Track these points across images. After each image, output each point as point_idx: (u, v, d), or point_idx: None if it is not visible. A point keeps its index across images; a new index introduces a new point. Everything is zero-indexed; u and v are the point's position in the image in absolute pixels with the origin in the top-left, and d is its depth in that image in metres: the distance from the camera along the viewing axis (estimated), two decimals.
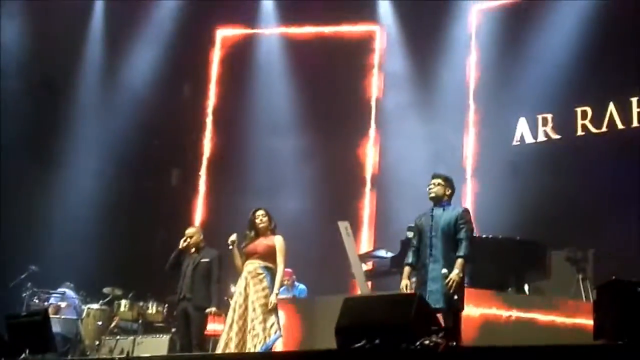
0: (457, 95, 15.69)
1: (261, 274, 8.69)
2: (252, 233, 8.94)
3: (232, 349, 8.34)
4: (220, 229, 9.79)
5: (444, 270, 7.56)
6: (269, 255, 8.78)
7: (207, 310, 9.36)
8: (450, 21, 16.06)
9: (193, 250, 9.74)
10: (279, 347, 9.92)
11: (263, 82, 16.99)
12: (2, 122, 14.65)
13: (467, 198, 15.03)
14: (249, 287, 8.66)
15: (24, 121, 15.26)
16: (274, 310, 8.59)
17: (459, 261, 7.58)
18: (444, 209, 7.92)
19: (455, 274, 7.51)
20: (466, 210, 7.97)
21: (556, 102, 14.53)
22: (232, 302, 8.84)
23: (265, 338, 8.34)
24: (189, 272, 9.55)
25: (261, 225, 8.90)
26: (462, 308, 7.77)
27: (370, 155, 16.51)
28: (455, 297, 7.50)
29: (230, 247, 8.88)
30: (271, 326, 8.46)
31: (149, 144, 16.83)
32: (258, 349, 8.20)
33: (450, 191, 8.05)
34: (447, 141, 15.47)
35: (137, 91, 16.47)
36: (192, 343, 9.30)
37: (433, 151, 15.16)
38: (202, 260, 9.57)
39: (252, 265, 8.74)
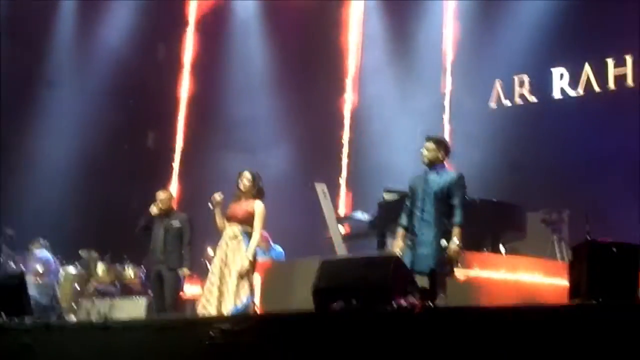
0: (433, 55, 15.63)
1: (238, 236, 8.67)
2: (238, 194, 8.84)
3: (211, 312, 8.37)
4: (196, 192, 9.79)
5: (443, 242, 7.44)
6: (247, 220, 8.71)
7: (179, 271, 9.60)
8: None
9: (163, 214, 9.84)
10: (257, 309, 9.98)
11: (239, 41, 16.90)
12: None
13: (446, 160, 15.00)
14: (228, 250, 8.64)
15: None
16: (247, 275, 8.60)
17: (456, 230, 7.47)
18: (437, 173, 7.78)
19: (454, 244, 7.42)
20: (461, 176, 7.80)
21: (532, 63, 14.52)
22: (212, 267, 8.84)
23: (235, 301, 8.36)
24: (160, 236, 9.73)
25: (242, 187, 8.80)
26: (452, 273, 7.71)
27: (347, 116, 16.48)
28: (451, 265, 7.46)
29: (211, 206, 8.80)
30: (242, 290, 8.46)
31: (125, 105, 16.72)
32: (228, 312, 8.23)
33: (443, 154, 7.88)
34: (423, 103, 15.44)
35: (112, 51, 16.37)
36: (165, 304, 9.41)
37: (409, 113, 15.14)
38: (173, 224, 9.80)
39: (232, 230, 8.71)
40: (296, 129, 15.91)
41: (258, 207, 8.75)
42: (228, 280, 8.49)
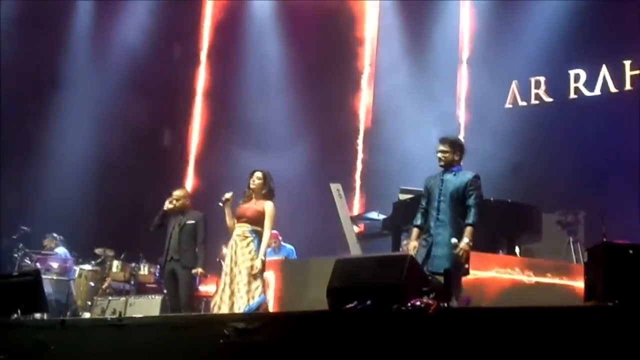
0: (450, 56, 15.61)
1: (248, 237, 8.73)
2: (249, 192, 8.92)
3: (223, 311, 8.41)
4: (211, 190, 9.80)
5: (454, 240, 7.46)
6: (257, 219, 8.79)
7: (194, 270, 9.51)
8: None
9: (178, 211, 9.81)
10: (270, 308, 9.99)
11: (255, 40, 16.92)
12: None
13: (461, 162, 14.98)
14: (238, 249, 8.71)
15: (13, 81, 15.13)
16: (259, 274, 8.64)
17: (468, 229, 7.49)
18: (454, 174, 7.79)
19: (465, 242, 7.42)
20: (476, 177, 7.79)
21: (549, 65, 14.49)
22: (224, 266, 8.88)
23: (248, 300, 8.43)
24: (175, 234, 9.68)
25: (252, 187, 8.87)
26: (468, 273, 7.73)
27: (362, 116, 16.47)
28: (466, 265, 7.43)
29: (221, 204, 8.88)
30: (255, 289, 8.52)
31: (141, 104, 16.75)
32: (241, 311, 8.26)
33: (459, 155, 7.89)
34: (439, 104, 15.41)
35: (128, 50, 16.40)
36: (180, 302, 9.41)
37: (425, 114, 15.12)
38: (188, 222, 9.70)
39: (241, 229, 8.79)
40: (312, 129, 15.92)
41: (268, 207, 8.82)
42: (239, 280, 8.55)
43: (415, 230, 7.88)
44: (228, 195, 8.85)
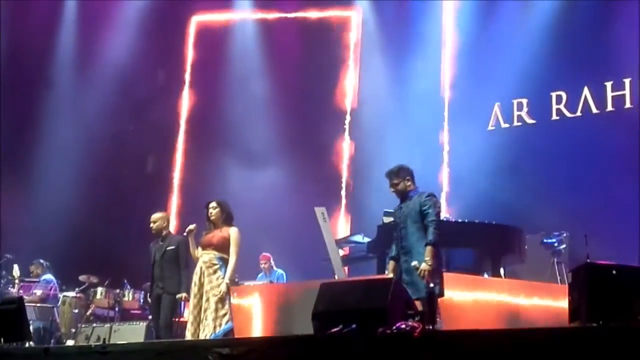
0: (433, 80, 15.68)
1: (216, 264, 8.86)
2: (210, 224, 9.07)
3: (189, 337, 8.46)
4: (197, 214, 9.77)
5: (414, 263, 7.56)
6: (223, 246, 8.92)
7: (178, 296, 9.45)
8: (426, 7, 16.04)
9: (158, 237, 9.79)
10: (257, 332, 9.97)
11: (238, 67, 16.94)
12: None
13: (444, 183, 15.07)
14: (204, 277, 8.81)
15: None
16: (226, 297, 8.71)
17: (428, 249, 7.56)
18: (410, 199, 7.93)
19: (424, 263, 7.49)
20: (430, 195, 7.89)
21: (531, 87, 14.57)
22: (190, 293, 8.94)
23: (215, 328, 8.53)
24: (157, 262, 9.65)
25: (212, 217, 9.03)
26: (442, 294, 7.76)
27: (346, 141, 16.49)
28: (432, 285, 7.45)
29: (186, 234, 9.06)
30: (223, 316, 8.61)
31: (124, 131, 16.74)
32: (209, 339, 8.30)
33: (409, 179, 8.02)
34: (423, 126, 15.45)
35: (112, 77, 16.38)
36: (159, 325, 9.43)
37: (409, 137, 15.17)
38: (168, 248, 9.64)
39: (208, 256, 8.90)
40: (296, 151, 15.93)
41: (233, 232, 8.97)
42: (206, 307, 8.63)
43: (390, 263, 8.04)
44: (192, 226, 9.03)
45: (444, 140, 15.43)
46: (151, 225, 9.82)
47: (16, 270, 12.69)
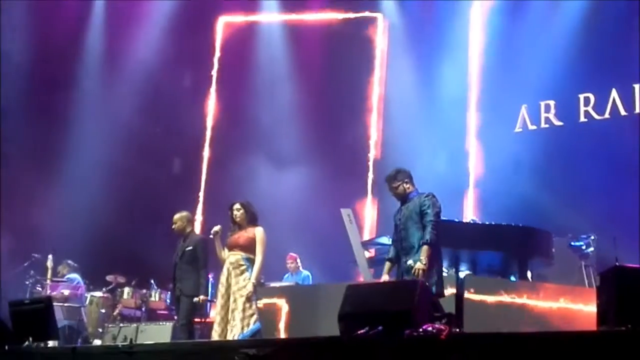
0: (459, 82, 15.63)
1: (243, 265, 8.88)
2: (235, 226, 9.10)
3: (216, 338, 8.48)
4: (222, 215, 9.78)
5: (409, 262, 7.62)
6: (250, 246, 8.94)
7: (195, 299, 9.41)
8: (453, 8, 15.99)
9: (181, 237, 9.82)
10: (281, 334, 9.98)
11: (265, 68, 16.97)
12: (4, 113, 14.71)
13: (470, 185, 15.02)
14: (231, 277, 8.84)
15: (25, 111, 15.27)
16: (253, 298, 8.73)
17: (424, 248, 7.61)
18: (410, 201, 7.99)
19: (418, 262, 7.52)
20: (429, 195, 7.93)
21: (559, 89, 14.49)
22: (217, 293, 8.97)
23: (242, 328, 8.53)
24: (177, 262, 9.65)
25: (237, 219, 9.06)
26: (441, 293, 7.79)
27: (372, 142, 16.48)
28: (427, 284, 7.38)
29: (212, 236, 9.09)
30: (250, 316, 8.61)
31: (151, 132, 16.83)
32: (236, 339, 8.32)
33: (407, 181, 8.09)
34: (449, 128, 15.42)
35: (139, 79, 16.47)
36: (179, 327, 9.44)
37: (436, 138, 15.15)
38: (187, 248, 9.64)
39: (235, 257, 8.91)
40: (322, 152, 15.93)
41: (259, 232, 9.00)
42: (234, 307, 8.64)
43: (386, 264, 8.14)
44: (217, 228, 9.08)
45: (471, 142, 15.36)
46: (173, 226, 9.86)
47: (50, 262, 12.76)
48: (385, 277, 7.95)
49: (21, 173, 15.03)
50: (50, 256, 12.82)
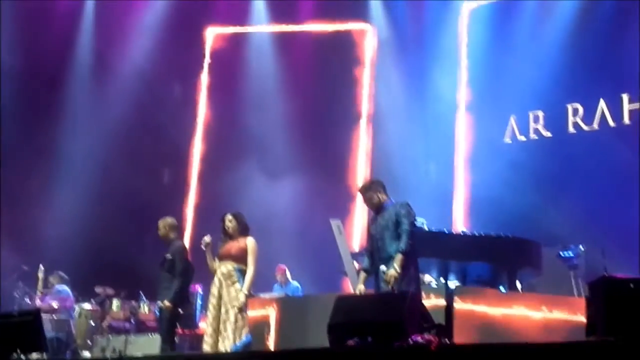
0: (449, 92, 15.67)
1: (234, 275, 8.86)
2: (226, 237, 9.09)
3: (207, 350, 8.45)
4: (213, 228, 9.76)
5: (382, 268, 7.58)
6: (241, 257, 8.94)
7: (159, 303, 9.33)
8: (441, 19, 16.07)
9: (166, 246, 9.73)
10: (270, 345, 9.96)
11: (254, 79, 16.99)
12: None
13: (459, 196, 15.05)
14: (222, 288, 8.82)
15: (13, 122, 15.21)
16: (244, 309, 8.71)
17: (397, 256, 7.54)
18: (385, 210, 7.98)
19: (391, 269, 7.46)
20: (404, 204, 7.92)
21: (547, 99, 14.53)
22: (209, 304, 8.92)
23: (234, 340, 8.48)
24: (159, 270, 9.57)
25: (230, 230, 9.06)
26: None
27: (363, 152, 16.50)
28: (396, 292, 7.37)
29: (203, 248, 9.05)
30: (242, 327, 8.60)
31: (141, 142, 16.79)
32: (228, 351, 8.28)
33: (381, 191, 8.08)
34: (439, 138, 15.46)
35: (128, 90, 16.45)
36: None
37: (426, 148, 15.18)
38: (166, 256, 9.54)
39: (226, 267, 8.90)
40: (314, 163, 15.92)
41: (250, 243, 9.00)
42: (225, 319, 8.63)
43: (361, 274, 8.10)
44: (207, 239, 9.05)
45: (460, 152, 15.39)
46: (158, 232, 9.83)
47: (41, 272, 12.72)
48: (361, 287, 7.87)
49: (5, 183, 14.96)
50: (41, 266, 12.78)
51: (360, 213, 15.96)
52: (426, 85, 15.74)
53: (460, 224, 14.39)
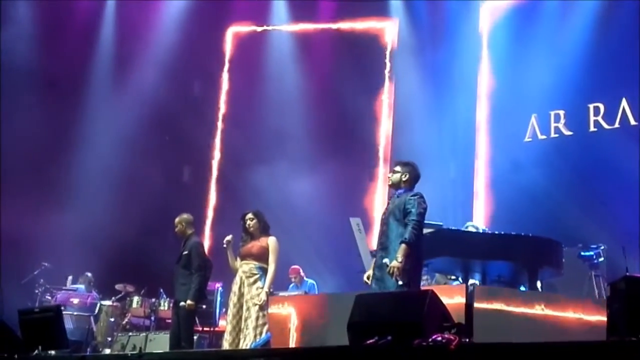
0: (469, 90, 15.64)
1: (256, 274, 8.92)
2: (247, 235, 9.14)
3: (226, 347, 8.49)
4: (233, 226, 9.77)
5: (385, 260, 7.50)
6: (263, 256, 8.99)
7: (181, 303, 9.29)
8: (462, 18, 16.03)
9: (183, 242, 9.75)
10: (291, 343, 9.96)
11: (274, 79, 17.01)
12: (14, 122, 14.75)
13: (480, 195, 15.01)
14: (244, 286, 8.87)
15: (33, 120, 15.29)
16: (266, 309, 8.80)
17: (402, 247, 7.38)
18: (398, 196, 7.84)
19: (395, 260, 7.35)
20: (416, 195, 7.75)
21: (568, 98, 14.47)
22: (230, 303, 8.94)
23: (255, 337, 8.55)
24: (175, 266, 9.58)
25: (250, 229, 9.11)
26: None
27: (382, 151, 16.48)
28: (400, 283, 7.29)
29: (224, 246, 9.09)
30: (263, 325, 8.67)
31: (161, 141, 16.86)
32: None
33: (407, 177, 7.92)
34: (458, 137, 15.43)
35: (148, 88, 16.51)
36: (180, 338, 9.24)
37: (445, 148, 15.14)
38: (183, 253, 9.56)
39: (248, 266, 8.96)
40: (333, 161, 15.91)
41: (272, 242, 9.07)
42: (246, 316, 8.69)
43: (373, 260, 8.01)
44: (229, 238, 9.11)
45: (481, 151, 15.35)
46: (175, 229, 9.85)
47: (69, 282, 12.88)
48: (368, 272, 7.83)
49: (27, 181, 15.05)
50: (70, 277, 12.93)
51: (380, 212, 15.95)
52: (446, 82, 15.72)
53: (480, 223, 14.34)
